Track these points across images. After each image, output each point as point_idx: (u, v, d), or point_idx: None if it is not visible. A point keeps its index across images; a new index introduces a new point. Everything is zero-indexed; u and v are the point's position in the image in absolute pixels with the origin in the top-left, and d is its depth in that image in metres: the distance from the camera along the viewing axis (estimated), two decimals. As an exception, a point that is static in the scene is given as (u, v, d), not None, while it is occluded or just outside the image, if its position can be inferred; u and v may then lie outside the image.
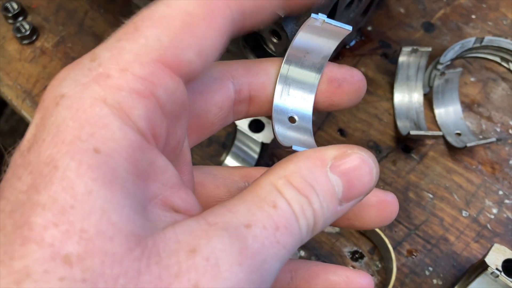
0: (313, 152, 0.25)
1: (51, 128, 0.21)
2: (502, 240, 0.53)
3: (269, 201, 0.23)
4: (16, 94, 0.62)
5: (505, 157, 0.57)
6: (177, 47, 0.23)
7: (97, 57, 0.23)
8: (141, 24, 0.23)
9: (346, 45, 0.64)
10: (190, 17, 0.23)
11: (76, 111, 0.21)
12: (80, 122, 0.21)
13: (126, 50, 0.22)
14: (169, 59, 0.22)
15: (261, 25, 0.27)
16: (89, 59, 0.23)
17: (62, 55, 0.64)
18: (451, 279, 0.51)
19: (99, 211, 0.20)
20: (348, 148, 0.25)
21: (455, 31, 0.65)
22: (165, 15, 0.23)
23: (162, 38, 0.22)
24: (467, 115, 0.60)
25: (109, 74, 0.22)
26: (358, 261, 0.53)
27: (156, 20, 0.23)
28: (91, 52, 0.23)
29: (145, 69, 0.22)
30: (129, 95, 0.22)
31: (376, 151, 0.58)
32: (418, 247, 0.53)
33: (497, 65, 0.62)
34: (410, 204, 0.55)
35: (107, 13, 0.67)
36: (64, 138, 0.20)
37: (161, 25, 0.23)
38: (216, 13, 0.23)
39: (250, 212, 0.23)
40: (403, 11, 0.66)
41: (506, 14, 0.66)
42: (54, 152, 0.20)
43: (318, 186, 0.24)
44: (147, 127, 0.22)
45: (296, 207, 0.23)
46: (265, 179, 0.24)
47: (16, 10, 0.66)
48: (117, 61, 0.22)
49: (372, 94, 0.61)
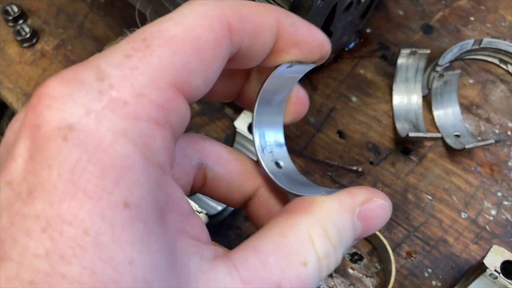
0: (345, 197, 0.27)
1: (61, 172, 0.18)
2: (501, 241, 0.53)
3: (301, 257, 0.24)
4: (17, 97, 0.63)
5: (504, 158, 0.57)
6: (188, 72, 0.22)
7: (106, 75, 0.20)
8: (152, 42, 0.21)
9: (345, 47, 0.64)
10: (200, 43, 0.22)
11: (94, 150, 0.18)
12: (102, 166, 0.18)
13: (139, 70, 0.20)
14: (181, 84, 0.22)
15: (250, 64, 0.27)
16: (95, 77, 0.20)
17: (62, 58, 0.65)
18: (450, 281, 0.51)
19: (142, 282, 0.18)
20: (374, 195, 0.27)
21: (453, 33, 0.65)
22: (176, 35, 0.22)
23: (175, 62, 0.21)
24: (466, 116, 0.60)
25: (125, 100, 0.20)
26: (357, 263, 0.53)
27: (167, 40, 0.21)
28: (93, 65, 0.21)
29: (162, 95, 0.21)
30: (148, 125, 0.20)
31: (375, 153, 0.58)
32: (417, 248, 0.53)
33: (495, 67, 0.63)
34: (409, 205, 0.55)
35: (107, 16, 0.68)
36: (85, 189, 0.18)
37: (173, 47, 0.21)
38: (222, 41, 0.23)
39: (282, 270, 0.23)
40: (401, 13, 0.66)
41: (504, 16, 0.66)
42: (76, 208, 0.18)
43: (345, 233, 0.26)
44: (165, 158, 0.21)
45: (322, 263, 0.24)
46: (300, 222, 0.25)
47: (17, 13, 0.66)
48: (131, 83, 0.20)
49: (371, 96, 0.61)
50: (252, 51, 0.25)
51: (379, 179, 0.56)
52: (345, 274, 0.52)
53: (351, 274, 0.52)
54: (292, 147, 0.58)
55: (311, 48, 0.28)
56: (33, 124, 0.19)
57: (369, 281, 0.52)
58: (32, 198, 0.18)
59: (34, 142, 0.19)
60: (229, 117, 0.60)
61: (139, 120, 0.20)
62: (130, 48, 0.21)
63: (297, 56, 0.27)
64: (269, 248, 0.23)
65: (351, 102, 0.61)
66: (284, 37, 0.26)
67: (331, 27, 0.49)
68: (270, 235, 0.24)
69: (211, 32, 0.22)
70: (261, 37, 0.25)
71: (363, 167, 0.57)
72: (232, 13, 0.23)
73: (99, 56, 0.21)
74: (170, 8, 0.50)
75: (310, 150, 0.58)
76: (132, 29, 0.66)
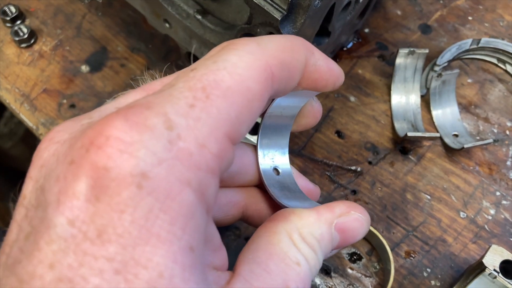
0: (324, 210, 0.29)
1: (135, 218, 0.19)
2: (499, 241, 0.53)
3: (293, 258, 0.27)
4: (15, 98, 0.62)
5: (502, 158, 0.57)
6: (239, 123, 0.24)
7: (174, 125, 0.21)
8: (211, 92, 0.23)
9: (344, 47, 0.64)
10: (250, 94, 0.24)
11: (165, 199, 0.20)
12: (172, 214, 0.20)
13: (202, 122, 0.22)
14: (232, 133, 0.23)
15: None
16: (164, 125, 0.21)
17: (60, 58, 0.65)
18: (449, 280, 0.51)
19: None
20: (351, 208, 0.30)
21: (452, 33, 0.65)
22: (231, 87, 0.23)
23: (231, 113, 0.23)
24: (464, 116, 0.60)
25: (191, 151, 0.21)
26: (356, 263, 0.53)
27: (224, 91, 0.23)
28: (161, 112, 0.21)
29: (218, 146, 0.22)
30: (206, 174, 0.22)
31: (373, 153, 0.58)
32: (416, 248, 0.53)
33: (494, 66, 0.63)
34: (408, 205, 0.55)
35: (105, 16, 0.68)
36: (158, 235, 0.19)
37: (229, 99, 0.23)
38: (267, 91, 0.25)
39: (284, 272, 0.26)
40: (400, 13, 0.67)
41: (502, 15, 0.66)
42: (151, 252, 0.19)
43: (322, 242, 0.29)
44: (213, 202, 0.23)
45: (311, 263, 0.27)
46: (281, 229, 0.28)
47: (14, 13, 0.66)
48: (195, 134, 0.22)
49: (369, 96, 0.61)
50: (282, 92, 0.27)
51: (377, 179, 0.56)
52: (344, 274, 0.52)
53: (350, 274, 0.52)
54: (291, 147, 0.58)
55: (326, 84, 0.30)
56: (101, 166, 0.20)
57: (368, 281, 0.52)
58: (102, 240, 0.19)
59: (101, 184, 0.19)
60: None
61: (200, 170, 0.21)
62: (192, 97, 0.22)
63: (310, 88, 0.30)
64: (266, 257, 0.26)
65: (350, 102, 0.61)
66: (305, 76, 0.28)
67: (329, 27, 0.49)
68: (262, 245, 0.27)
69: (259, 84, 0.24)
70: (293, 81, 0.27)
71: (361, 167, 0.57)
72: (275, 62, 0.25)
73: (164, 102, 0.22)
74: (168, 9, 0.50)
75: (308, 150, 0.58)
76: (136, 77, 0.66)
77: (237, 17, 0.47)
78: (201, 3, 0.49)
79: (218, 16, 0.49)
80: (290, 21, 0.40)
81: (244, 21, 0.43)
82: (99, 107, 0.26)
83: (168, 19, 0.53)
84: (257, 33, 0.42)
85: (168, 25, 0.54)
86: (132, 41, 0.66)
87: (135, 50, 0.65)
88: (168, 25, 0.53)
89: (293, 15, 0.40)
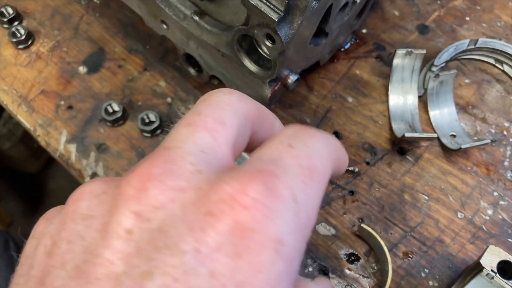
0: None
1: (269, 279, 0.21)
2: (497, 241, 0.53)
3: None
4: (12, 99, 0.62)
5: (500, 158, 0.57)
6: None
7: (297, 199, 0.24)
8: (313, 173, 0.26)
9: (341, 48, 0.64)
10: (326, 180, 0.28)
11: (290, 265, 0.23)
12: (291, 278, 0.23)
13: (311, 199, 0.25)
14: None
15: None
16: (291, 198, 0.23)
17: (58, 59, 0.64)
18: (446, 281, 0.52)
19: None
20: None
21: (449, 33, 0.65)
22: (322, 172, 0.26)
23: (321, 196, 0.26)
24: (461, 116, 0.60)
25: (305, 225, 0.24)
26: (354, 263, 0.53)
27: (321, 176, 0.26)
28: (287, 183, 0.24)
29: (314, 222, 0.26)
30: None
31: (371, 153, 0.58)
32: (413, 249, 0.53)
33: (491, 66, 0.63)
34: (406, 206, 0.55)
35: (103, 17, 0.68)
36: None
37: (323, 184, 0.26)
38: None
39: None
40: (397, 14, 0.67)
41: (500, 15, 0.66)
42: None
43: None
44: None
45: None
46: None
47: (12, 14, 0.66)
48: (307, 210, 0.25)
49: (367, 96, 0.61)
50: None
51: (375, 180, 0.56)
52: (342, 274, 0.52)
53: (348, 275, 0.52)
54: (289, 148, 0.58)
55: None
56: (247, 226, 0.21)
57: (366, 282, 0.52)
58: None
59: (243, 243, 0.21)
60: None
61: (306, 242, 0.24)
62: (303, 174, 0.25)
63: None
64: None
65: (347, 103, 0.61)
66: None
67: (326, 28, 0.49)
68: None
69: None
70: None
71: (359, 167, 0.57)
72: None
73: (284, 174, 0.24)
74: (165, 10, 0.50)
75: (306, 150, 0.58)
76: (133, 78, 0.66)
77: (234, 18, 0.47)
78: (198, 4, 0.49)
79: (215, 17, 0.49)
80: (287, 22, 0.40)
81: (241, 22, 0.43)
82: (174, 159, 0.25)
83: (165, 20, 0.53)
84: (254, 34, 0.42)
85: (165, 26, 0.53)
86: (130, 42, 0.66)
87: (132, 51, 0.65)
88: (165, 26, 0.53)
89: (290, 16, 0.40)
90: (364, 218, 0.54)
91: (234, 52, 0.47)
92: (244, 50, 0.46)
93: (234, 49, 0.46)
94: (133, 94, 0.62)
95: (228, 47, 0.47)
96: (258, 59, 0.47)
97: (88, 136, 0.60)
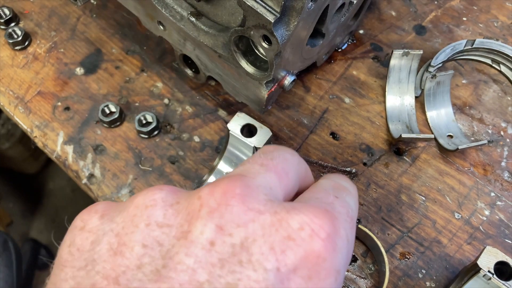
0: None
1: None
2: (494, 242, 0.53)
3: None
4: (9, 100, 0.62)
5: (497, 158, 0.57)
6: None
7: (348, 238, 0.29)
8: (341, 223, 0.30)
9: (338, 48, 0.64)
10: None
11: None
12: None
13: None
14: None
15: None
16: (346, 238, 0.28)
17: (55, 60, 0.64)
18: (444, 282, 0.51)
19: None
20: None
21: (446, 34, 0.65)
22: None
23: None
24: (458, 117, 0.60)
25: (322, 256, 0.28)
26: (351, 264, 0.53)
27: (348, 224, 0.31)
28: (341, 218, 0.29)
29: None
30: None
31: (368, 154, 0.58)
32: (411, 249, 0.53)
33: (488, 67, 0.63)
34: (403, 206, 0.55)
35: (100, 18, 0.67)
36: None
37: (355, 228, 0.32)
38: None
39: None
40: (394, 14, 0.67)
41: (497, 16, 0.66)
42: None
43: None
44: None
45: None
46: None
47: (8, 15, 0.66)
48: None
49: (364, 97, 0.61)
50: None
51: (372, 180, 0.56)
52: (339, 275, 0.52)
53: (345, 276, 0.52)
54: (286, 149, 0.58)
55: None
56: (321, 256, 0.25)
57: (363, 283, 0.52)
58: None
59: (315, 268, 0.25)
60: (223, 119, 0.60)
61: (346, 267, 0.29)
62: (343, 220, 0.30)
63: None
64: None
65: (344, 104, 0.61)
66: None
67: (323, 28, 0.49)
68: None
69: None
70: None
71: (356, 168, 0.57)
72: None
73: (333, 219, 0.28)
74: (161, 11, 0.50)
75: (303, 151, 0.58)
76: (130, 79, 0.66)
77: (231, 19, 0.47)
78: (195, 5, 0.49)
79: (212, 18, 0.49)
80: (284, 23, 0.40)
81: (238, 24, 0.43)
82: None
83: (162, 21, 0.53)
84: (250, 35, 0.42)
85: (162, 27, 0.53)
86: (127, 43, 0.66)
87: (129, 52, 0.65)
88: (162, 27, 0.53)
89: (286, 17, 0.40)
90: (361, 219, 0.54)
91: (230, 53, 0.46)
92: (240, 51, 0.46)
93: (230, 50, 0.46)
94: (130, 95, 0.62)
95: (224, 48, 0.47)
96: (255, 60, 0.47)
97: (85, 137, 0.60)
